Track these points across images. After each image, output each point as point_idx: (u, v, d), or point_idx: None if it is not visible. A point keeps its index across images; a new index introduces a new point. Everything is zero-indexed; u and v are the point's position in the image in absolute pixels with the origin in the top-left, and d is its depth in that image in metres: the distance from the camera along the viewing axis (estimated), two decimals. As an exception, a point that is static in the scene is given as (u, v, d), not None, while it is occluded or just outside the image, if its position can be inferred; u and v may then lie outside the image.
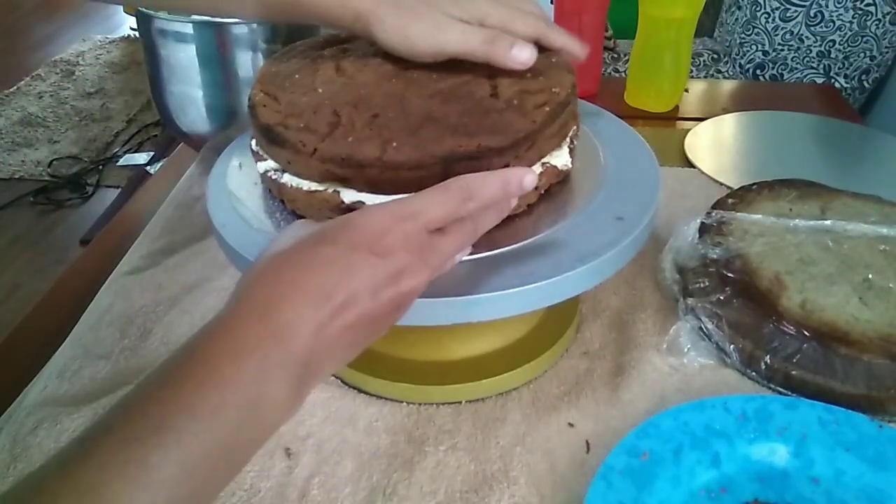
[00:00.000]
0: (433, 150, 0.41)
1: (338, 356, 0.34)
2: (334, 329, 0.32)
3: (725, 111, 0.94)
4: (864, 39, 1.38)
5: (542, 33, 0.47)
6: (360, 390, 0.52)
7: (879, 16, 1.35)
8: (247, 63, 0.77)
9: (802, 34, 1.40)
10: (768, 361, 0.51)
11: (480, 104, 0.44)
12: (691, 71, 1.36)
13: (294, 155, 0.44)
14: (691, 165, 0.81)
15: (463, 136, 0.42)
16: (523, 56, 0.45)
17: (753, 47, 1.45)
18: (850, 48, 1.39)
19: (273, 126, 0.45)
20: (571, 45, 0.49)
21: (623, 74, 1.47)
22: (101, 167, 2.33)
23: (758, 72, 1.48)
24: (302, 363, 0.31)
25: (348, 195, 0.43)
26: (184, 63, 0.76)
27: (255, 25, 0.75)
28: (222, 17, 0.72)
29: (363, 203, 0.43)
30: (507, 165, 0.42)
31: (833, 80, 1.43)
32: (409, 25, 0.46)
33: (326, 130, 0.43)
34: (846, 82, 1.44)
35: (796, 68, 1.45)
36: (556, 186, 0.48)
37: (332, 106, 0.45)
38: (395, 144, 0.42)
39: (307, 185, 0.44)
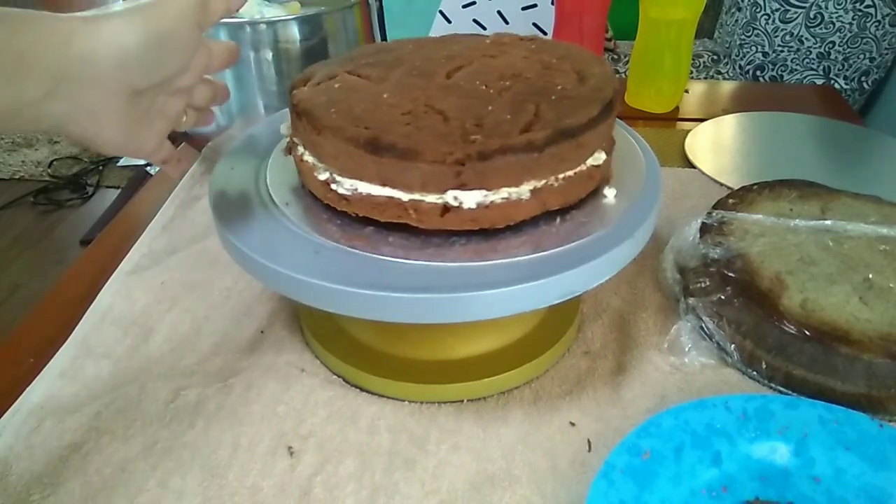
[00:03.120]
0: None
1: None
2: None
3: (726, 112, 0.95)
4: (864, 41, 1.38)
5: None
6: (361, 389, 0.52)
7: (879, 17, 1.36)
8: (247, 63, 0.77)
9: (802, 36, 1.41)
10: (769, 361, 0.51)
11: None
12: (691, 72, 1.36)
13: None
14: (692, 166, 0.81)
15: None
16: None
17: (753, 48, 1.45)
18: (849, 50, 1.40)
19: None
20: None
21: (623, 75, 1.47)
22: (101, 167, 2.33)
23: (758, 73, 1.48)
24: None
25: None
26: (185, 63, 0.76)
27: (257, 26, 0.76)
28: None
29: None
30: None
31: (833, 82, 1.43)
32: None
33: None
34: (846, 84, 1.44)
35: (796, 69, 1.45)
36: None
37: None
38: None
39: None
